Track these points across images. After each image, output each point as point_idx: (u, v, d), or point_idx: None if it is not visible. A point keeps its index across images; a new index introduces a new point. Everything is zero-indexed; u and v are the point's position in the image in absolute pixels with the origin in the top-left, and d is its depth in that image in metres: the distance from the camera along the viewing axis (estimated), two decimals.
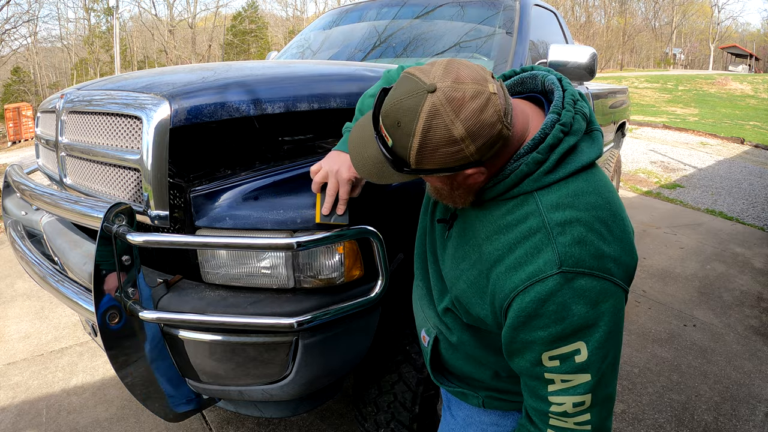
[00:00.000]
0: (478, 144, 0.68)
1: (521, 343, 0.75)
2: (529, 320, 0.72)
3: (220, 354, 1.20)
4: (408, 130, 0.68)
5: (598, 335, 0.71)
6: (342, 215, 1.12)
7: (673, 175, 7.05)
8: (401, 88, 0.70)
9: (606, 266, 0.71)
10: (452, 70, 0.68)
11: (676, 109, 15.29)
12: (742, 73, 33.49)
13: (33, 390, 2.27)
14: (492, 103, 0.67)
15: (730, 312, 3.06)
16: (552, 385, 0.75)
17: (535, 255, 0.72)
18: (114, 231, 1.04)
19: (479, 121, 0.66)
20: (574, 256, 0.70)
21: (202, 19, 38.53)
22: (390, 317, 1.52)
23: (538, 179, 0.75)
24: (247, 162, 1.40)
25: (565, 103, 0.78)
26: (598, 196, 0.75)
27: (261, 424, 2.01)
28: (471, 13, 2.52)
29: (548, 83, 0.84)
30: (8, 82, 29.67)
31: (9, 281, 3.48)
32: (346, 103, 1.48)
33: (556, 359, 0.73)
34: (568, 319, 0.70)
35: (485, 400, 0.99)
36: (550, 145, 0.75)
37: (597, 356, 0.72)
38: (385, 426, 1.52)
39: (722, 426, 2.06)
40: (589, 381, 0.72)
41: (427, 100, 0.66)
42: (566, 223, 0.72)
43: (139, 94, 1.26)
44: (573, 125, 0.77)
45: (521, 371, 0.80)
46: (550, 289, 0.70)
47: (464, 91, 0.66)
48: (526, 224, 0.74)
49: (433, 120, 0.66)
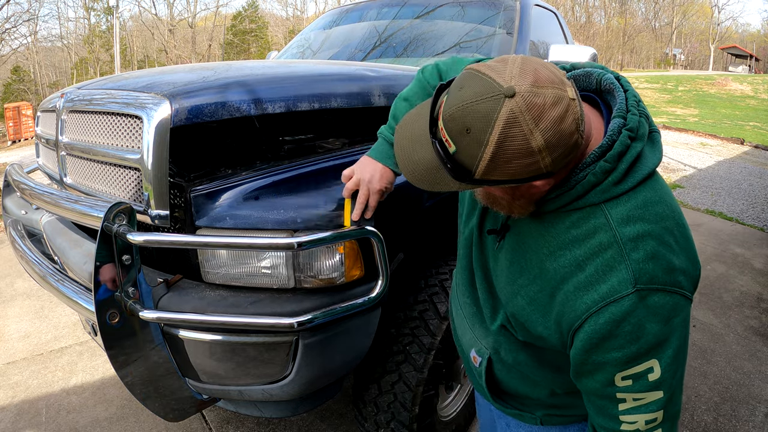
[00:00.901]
0: (555, 156, 0.62)
1: (593, 365, 0.71)
2: (603, 342, 0.68)
3: (220, 354, 1.20)
4: (480, 138, 0.61)
5: (670, 351, 0.68)
6: (369, 220, 1.13)
7: (672, 176, 7.05)
8: (471, 88, 0.62)
9: (677, 280, 0.68)
10: (529, 71, 0.61)
11: (676, 110, 15.30)
12: (742, 73, 33.50)
13: (32, 389, 2.27)
14: (572, 111, 0.61)
15: (729, 312, 3.06)
16: (623, 404, 0.71)
17: (607, 273, 0.68)
18: (114, 230, 1.04)
19: (559, 131, 0.60)
20: (648, 272, 0.66)
21: (202, 18, 38.56)
22: (390, 317, 1.52)
23: (607, 190, 0.69)
24: (247, 162, 1.40)
25: (629, 106, 0.73)
26: (665, 206, 0.71)
27: (261, 424, 2.01)
28: (471, 13, 2.52)
29: (605, 82, 0.78)
30: (8, 82, 29.66)
31: (9, 280, 3.48)
32: (347, 103, 1.48)
33: (629, 379, 0.69)
34: (643, 338, 0.67)
35: (543, 419, 0.95)
36: (618, 152, 0.69)
37: (669, 372, 0.69)
38: (385, 426, 1.52)
39: (722, 426, 2.07)
40: (661, 398, 0.69)
41: (504, 106, 0.59)
42: (638, 238, 0.67)
43: (139, 93, 1.26)
44: (639, 130, 0.71)
45: (590, 392, 0.75)
46: (626, 310, 0.66)
47: (545, 97, 0.60)
48: (596, 239, 0.69)
49: (511, 129, 0.59)
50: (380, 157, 1.07)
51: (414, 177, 0.74)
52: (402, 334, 1.48)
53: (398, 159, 0.76)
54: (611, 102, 0.77)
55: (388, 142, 1.08)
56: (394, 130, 0.97)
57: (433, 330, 1.46)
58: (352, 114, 1.57)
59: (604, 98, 0.79)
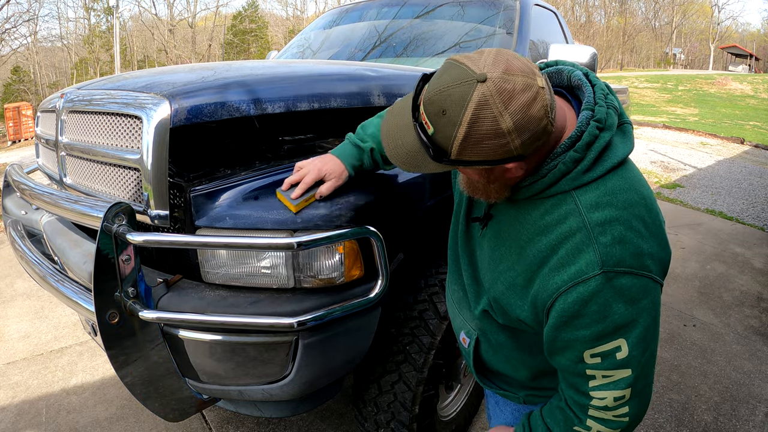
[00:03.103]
0: (524, 138, 0.66)
1: (563, 342, 0.76)
2: (572, 320, 0.73)
3: (220, 354, 1.20)
4: (454, 119, 0.66)
5: (638, 331, 0.72)
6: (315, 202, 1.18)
7: (673, 175, 7.04)
8: (448, 74, 0.68)
9: (645, 263, 0.72)
10: (502, 60, 0.66)
11: (676, 109, 15.29)
12: (742, 73, 33.49)
13: (33, 389, 2.27)
14: (540, 98, 0.66)
15: (730, 312, 3.06)
16: (593, 381, 0.76)
17: (576, 255, 0.72)
18: (114, 230, 1.04)
19: (527, 115, 0.65)
20: (615, 256, 0.70)
21: (202, 18, 38.56)
22: (390, 317, 1.52)
23: (576, 178, 0.74)
24: (247, 162, 1.40)
25: (596, 99, 0.78)
26: (634, 193, 0.75)
27: (261, 424, 2.01)
28: (471, 13, 2.52)
29: (574, 79, 0.83)
30: (8, 82, 29.66)
31: (9, 281, 3.48)
32: (346, 103, 1.48)
33: (598, 356, 0.74)
34: (609, 317, 0.71)
35: (525, 398, 1.01)
36: (587, 143, 0.74)
37: (637, 351, 0.73)
38: (385, 426, 1.52)
39: (722, 426, 2.07)
40: (629, 375, 0.74)
41: (477, 89, 0.64)
42: (606, 223, 0.72)
43: (139, 93, 1.26)
44: (607, 120, 0.76)
45: (562, 368, 0.80)
46: (593, 290, 0.70)
47: (514, 83, 0.65)
48: (566, 224, 0.74)
49: (482, 111, 0.64)
50: (342, 157, 1.19)
51: (399, 160, 0.79)
52: (402, 334, 1.48)
53: (385, 145, 0.81)
54: (581, 97, 0.81)
55: (352, 144, 1.19)
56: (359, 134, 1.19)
57: (433, 330, 1.46)
58: (351, 114, 1.57)
59: (575, 94, 0.84)
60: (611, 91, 0.81)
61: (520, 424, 0.92)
